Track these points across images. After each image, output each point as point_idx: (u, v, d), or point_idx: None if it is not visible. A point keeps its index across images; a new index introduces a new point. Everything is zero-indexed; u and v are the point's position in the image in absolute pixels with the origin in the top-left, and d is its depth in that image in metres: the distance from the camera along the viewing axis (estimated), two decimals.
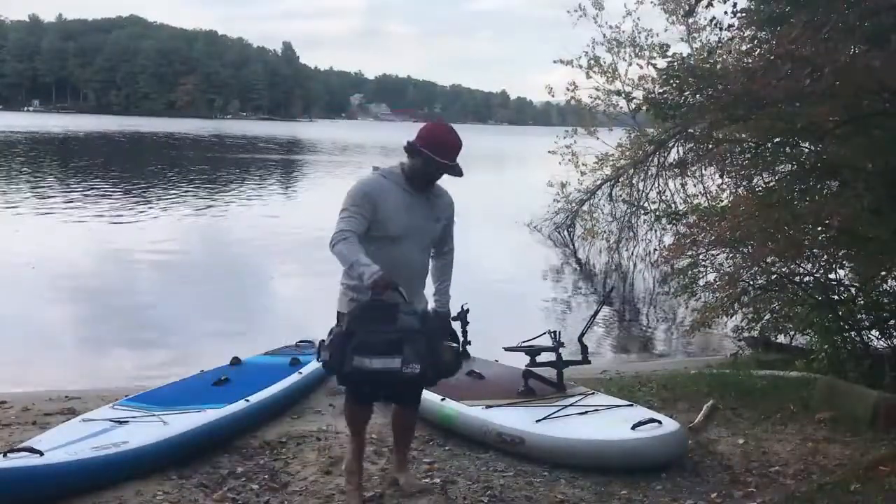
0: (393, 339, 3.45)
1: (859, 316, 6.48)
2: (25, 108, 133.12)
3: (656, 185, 13.40)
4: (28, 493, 3.70)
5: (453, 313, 4.75)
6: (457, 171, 3.71)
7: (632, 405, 4.82)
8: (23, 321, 8.79)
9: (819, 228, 6.10)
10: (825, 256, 6.51)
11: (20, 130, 56.22)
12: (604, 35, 13.74)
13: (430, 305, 3.95)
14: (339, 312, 3.72)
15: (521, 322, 8.37)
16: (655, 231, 13.31)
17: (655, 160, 13.13)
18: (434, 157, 3.64)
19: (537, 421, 4.53)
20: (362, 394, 3.78)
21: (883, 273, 6.22)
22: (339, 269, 3.69)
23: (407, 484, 3.99)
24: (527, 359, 5.21)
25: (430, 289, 3.96)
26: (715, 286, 7.17)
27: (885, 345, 6.40)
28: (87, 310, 9.69)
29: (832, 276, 6.60)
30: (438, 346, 3.59)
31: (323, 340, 3.66)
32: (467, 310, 5.96)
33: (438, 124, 3.87)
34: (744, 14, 6.10)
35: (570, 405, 4.75)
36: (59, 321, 9.05)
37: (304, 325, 8.15)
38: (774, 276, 6.58)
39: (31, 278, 10.80)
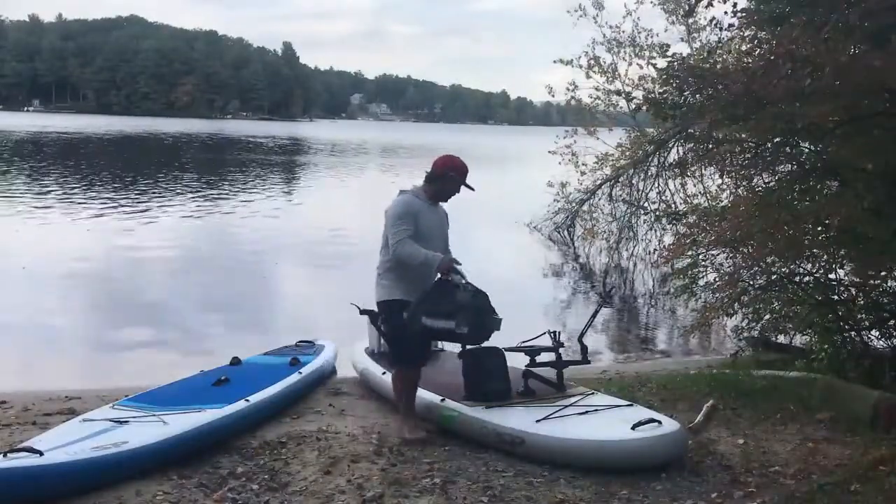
0: (450, 310, 4.55)
1: (859, 316, 6.47)
2: (25, 109, 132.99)
3: (656, 185, 13.41)
4: (28, 493, 3.70)
5: None
6: (470, 187, 4.93)
7: (632, 405, 4.82)
8: (22, 321, 8.79)
9: (819, 228, 6.10)
10: (825, 256, 6.50)
11: (49, 130, 56.23)
12: (604, 35, 13.74)
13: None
14: (378, 302, 4.86)
15: (521, 322, 8.33)
16: (655, 231, 13.33)
17: (655, 160, 13.14)
18: (457, 178, 4.91)
19: (537, 421, 4.54)
20: (419, 355, 4.89)
21: (883, 273, 6.21)
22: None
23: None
24: (527, 359, 5.21)
25: None
26: (715, 286, 7.16)
27: (885, 345, 6.40)
28: (87, 310, 9.69)
29: (832, 276, 6.59)
30: (486, 314, 4.61)
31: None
32: None
33: (453, 156, 5.04)
34: (744, 14, 6.07)
35: (570, 405, 4.75)
36: (59, 321, 9.04)
37: (304, 325, 8.17)
38: (774, 276, 6.57)
39: (30, 279, 10.80)
